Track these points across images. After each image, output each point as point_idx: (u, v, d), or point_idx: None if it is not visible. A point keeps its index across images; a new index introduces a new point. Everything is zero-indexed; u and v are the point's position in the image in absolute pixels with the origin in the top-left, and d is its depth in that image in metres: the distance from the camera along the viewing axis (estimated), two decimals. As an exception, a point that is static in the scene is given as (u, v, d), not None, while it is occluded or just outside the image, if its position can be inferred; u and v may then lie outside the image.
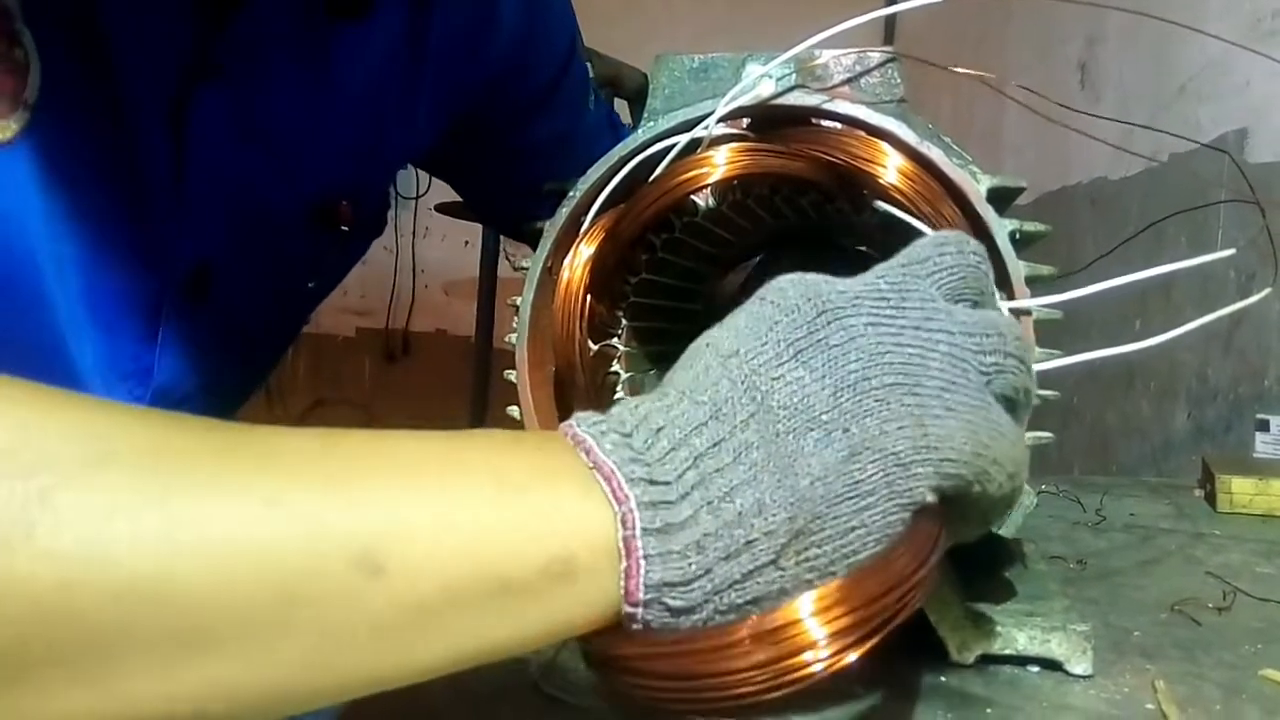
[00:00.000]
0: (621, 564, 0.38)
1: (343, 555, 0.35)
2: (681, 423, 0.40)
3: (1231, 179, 1.19)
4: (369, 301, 4.04)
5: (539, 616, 0.38)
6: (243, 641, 0.35)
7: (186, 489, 0.34)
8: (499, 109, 0.84)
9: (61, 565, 0.32)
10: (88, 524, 0.33)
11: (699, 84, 0.53)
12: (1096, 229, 1.85)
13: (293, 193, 0.70)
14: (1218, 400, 1.38)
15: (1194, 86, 1.51)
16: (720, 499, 0.38)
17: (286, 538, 0.35)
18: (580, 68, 0.91)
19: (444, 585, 0.36)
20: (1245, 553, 0.74)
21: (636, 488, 0.38)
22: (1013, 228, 0.49)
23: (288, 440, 0.38)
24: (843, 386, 0.40)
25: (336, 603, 0.35)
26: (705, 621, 0.39)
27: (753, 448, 0.39)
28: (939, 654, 0.52)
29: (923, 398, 0.40)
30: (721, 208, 0.56)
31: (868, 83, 0.51)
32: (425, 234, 4.05)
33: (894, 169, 0.49)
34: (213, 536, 0.34)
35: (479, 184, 0.96)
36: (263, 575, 0.34)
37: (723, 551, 0.38)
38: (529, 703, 0.47)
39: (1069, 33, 2.04)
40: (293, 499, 0.35)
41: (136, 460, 0.35)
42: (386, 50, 0.72)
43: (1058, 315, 0.48)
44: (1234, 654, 0.54)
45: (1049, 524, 0.81)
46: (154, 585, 0.33)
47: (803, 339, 0.41)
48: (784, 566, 0.39)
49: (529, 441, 0.42)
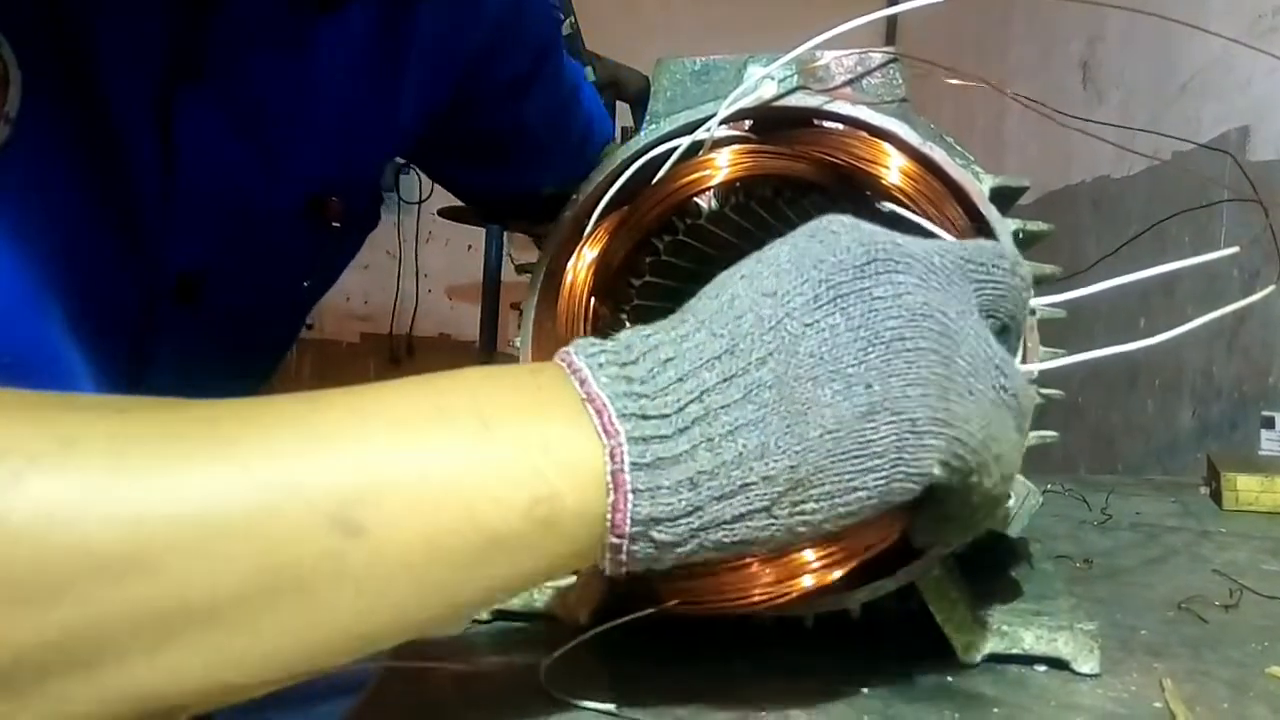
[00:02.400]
0: (609, 498, 0.37)
1: (321, 517, 0.35)
2: (693, 355, 0.39)
3: (1234, 177, 1.18)
4: (373, 307, 4.05)
5: (526, 560, 0.38)
6: (229, 614, 0.34)
7: (158, 465, 0.34)
8: (480, 91, 0.83)
9: (37, 549, 0.32)
10: (61, 505, 0.32)
11: (700, 86, 0.53)
12: (1099, 228, 1.85)
13: (283, 190, 0.69)
14: (1222, 398, 1.38)
15: (1196, 85, 1.51)
16: (722, 437, 0.38)
17: (262, 505, 0.35)
18: (566, 59, 0.90)
19: (426, 539, 0.36)
20: (1251, 550, 0.74)
21: (628, 422, 0.38)
22: (1016, 227, 0.49)
23: (264, 408, 0.37)
24: (876, 341, 0.39)
25: (319, 566, 0.35)
26: (691, 556, 0.39)
27: (765, 387, 0.38)
28: (945, 654, 0.52)
29: (951, 373, 0.39)
30: (724, 210, 0.56)
31: (869, 83, 0.51)
32: (428, 239, 4.06)
33: (896, 170, 0.49)
34: (187, 510, 0.34)
35: (463, 174, 0.95)
36: (242, 545, 0.34)
37: (717, 491, 0.38)
38: (536, 704, 0.47)
39: (1070, 32, 2.04)
40: (267, 466, 0.35)
41: (108, 440, 0.34)
42: (367, 37, 0.71)
43: (1062, 314, 0.48)
44: (1241, 651, 0.54)
45: (1055, 523, 0.80)
46: (131, 564, 0.33)
47: (846, 284, 0.40)
48: (776, 515, 0.38)
49: (518, 376, 0.41)
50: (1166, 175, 1.55)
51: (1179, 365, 1.50)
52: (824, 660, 0.51)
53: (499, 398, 0.39)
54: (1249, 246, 1.15)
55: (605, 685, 0.49)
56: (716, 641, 0.53)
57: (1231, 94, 1.41)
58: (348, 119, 0.71)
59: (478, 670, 0.51)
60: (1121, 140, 1.57)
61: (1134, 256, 0.56)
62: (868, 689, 0.49)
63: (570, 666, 0.49)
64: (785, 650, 0.52)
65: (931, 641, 0.52)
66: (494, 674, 0.50)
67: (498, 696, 0.48)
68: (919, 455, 0.39)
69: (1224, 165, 1.15)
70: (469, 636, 0.56)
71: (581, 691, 0.48)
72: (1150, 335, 0.48)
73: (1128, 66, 1.80)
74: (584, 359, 0.40)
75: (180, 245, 0.63)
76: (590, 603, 0.54)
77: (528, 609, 0.56)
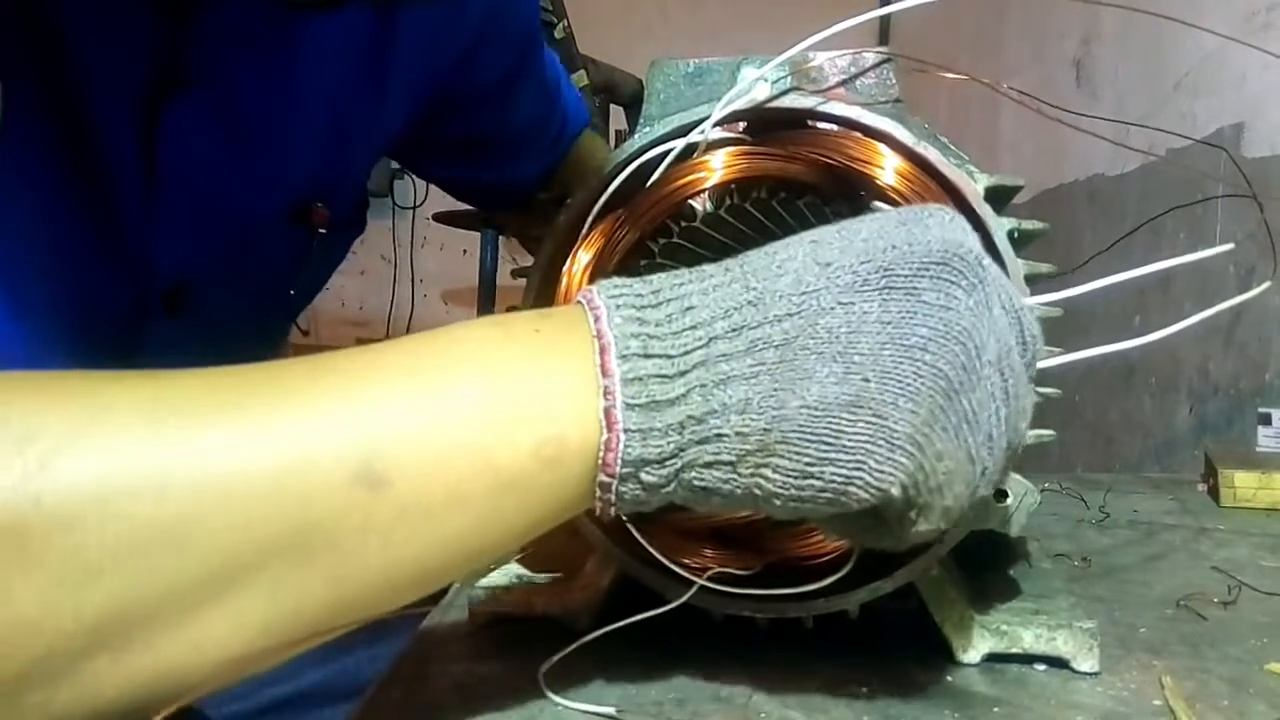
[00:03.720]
0: (602, 436, 0.38)
1: (345, 472, 0.36)
2: (716, 303, 0.39)
3: (1229, 174, 1.18)
4: (368, 312, 4.05)
5: (536, 503, 0.39)
6: (257, 577, 0.35)
7: (181, 433, 0.35)
8: (465, 91, 0.83)
9: (72, 529, 0.33)
10: (89, 483, 0.33)
11: (694, 88, 0.53)
12: (1095, 226, 1.85)
13: (269, 195, 0.69)
14: (1219, 395, 1.38)
15: (1190, 82, 1.51)
16: (714, 384, 0.38)
17: (289, 464, 0.35)
18: (546, 51, 0.90)
19: (446, 486, 0.37)
20: (1250, 547, 0.74)
21: (627, 362, 0.38)
22: (1011, 226, 0.49)
23: (281, 371, 0.38)
24: (897, 341, 0.38)
25: (345, 520, 0.36)
26: (670, 500, 0.40)
27: (771, 346, 0.38)
28: (944, 653, 0.52)
29: (951, 407, 0.38)
30: (719, 212, 0.56)
31: (863, 84, 0.51)
32: (423, 244, 4.06)
33: (891, 170, 0.49)
34: (214, 474, 0.34)
35: (448, 169, 0.94)
36: (270, 507, 0.35)
37: (697, 436, 0.38)
38: (536, 707, 0.47)
39: (1064, 30, 2.05)
40: (289, 426, 0.36)
41: (128, 413, 0.35)
42: (353, 40, 0.70)
43: (1057, 313, 0.48)
44: (1240, 648, 0.54)
45: (1053, 522, 0.80)
46: (162, 532, 0.34)
47: (902, 278, 0.39)
48: (740, 473, 0.39)
49: (532, 318, 0.41)
50: (1161, 172, 1.56)
51: (1175, 362, 1.50)
52: (823, 661, 0.51)
53: (511, 343, 0.40)
54: (1244, 242, 1.15)
55: (605, 688, 0.49)
56: (716, 644, 0.53)
57: (1226, 90, 1.41)
58: (334, 122, 0.71)
59: (477, 673, 0.51)
60: (1116, 137, 1.57)
61: (1129, 254, 0.56)
62: (867, 689, 0.49)
63: (570, 670, 0.49)
64: (784, 651, 0.52)
65: (930, 641, 0.52)
66: (494, 677, 0.50)
67: (498, 700, 0.48)
68: (884, 467, 0.38)
69: (1219, 161, 1.15)
70: (469, 640, 0.56)
71: (581, 695, 0.48)
72: (1146, 332, 0.48)
73: (1122, 64, 1.80)
74: (604, 298, 0.40)
75: (166, 253, 0.63)
76: (590, 606, 0.54)
77: (527, 612, 0.56)
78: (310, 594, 0.36)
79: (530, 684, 0.49)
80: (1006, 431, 0.40)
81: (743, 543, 0.54)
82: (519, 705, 0.47)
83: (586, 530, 0.53)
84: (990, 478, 0.40)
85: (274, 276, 0.74)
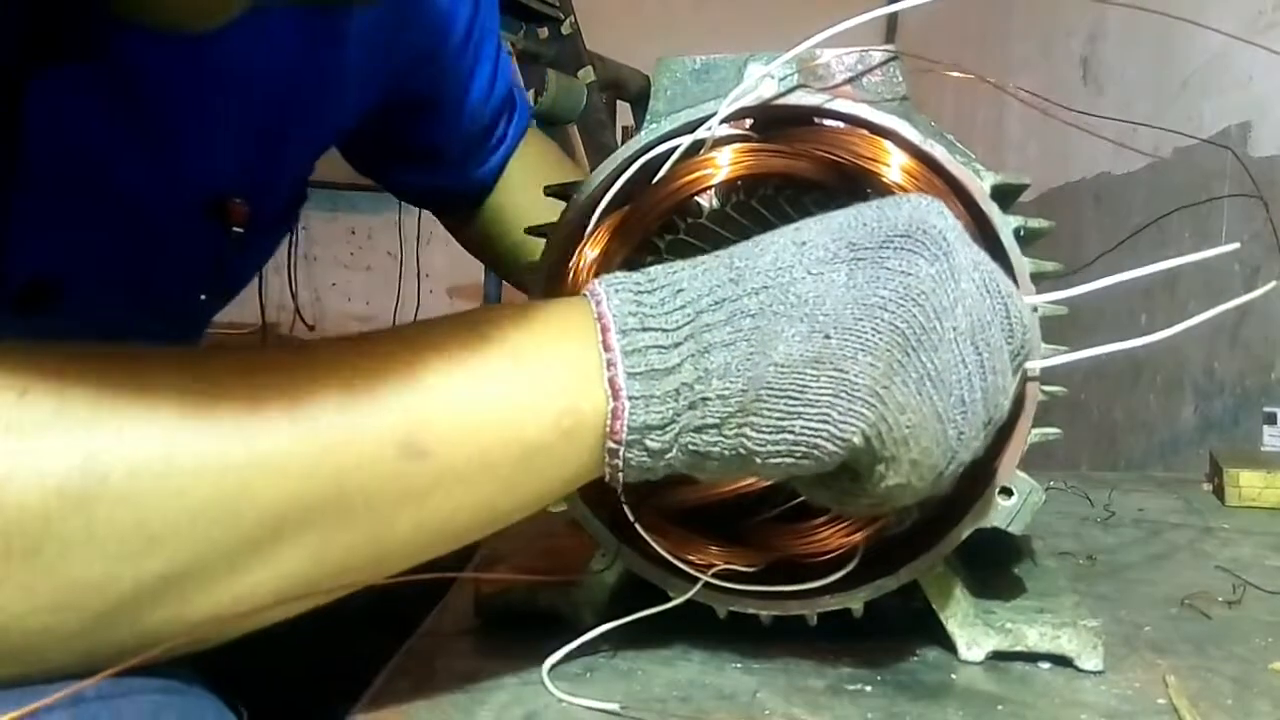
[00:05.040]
0: (609, 405, 0.42)
1: (391, 445, 0.40)
2: (701, 285, 0.43)
3: (1235, 173, 1.18)
4: (374, 308, 4.05)
5: (555, 471, 0.43)
6: (307, 535, 0.39)
7: (235, 418, 0.38)
8: (416, 95, 0.79)
9: (137, 504, 0.36)
10: (154, 461, 0.36)
11: (701, 85, 0.53)
12: (1100, 225, 1.84)
13: (174, 188, 0.61)
14: (1224, 394, 1.38)
15: (1196, 81, 1.51)
16: (700, 353, 0.42)
17: (335, 440, 0.39)
18: (502, 53, 0.86)
19: (479, 454, 0.41)
20: (1255, 546, 0.74)
21: (625, 336, 0.42)
22: (1017, 224, 0.49)
23: (314, 354, 0.42)
24: (860, 303, 0.41)
25: (386, 485, 0.40)
26: (672, 468, 0.44)
27: (748, 315, 0.42)
28: (949, 651, 0.52)
29: (910, 363, 0.41)
30: (726, 208, 0.56)
31: (870, 81, 0.51)
32: (429, 239, 4.05)
33: (897, 167, 0.49)
34: (264, 452, 0.38)
35: (395, 173, 0.89)
36: (318, 477, 0.39)
37: (688, 401, 0.42)
38: (541, 703, 0.47)
39: (1071, 28, 2.04)
40: (335, 405, 0.39)
41: (181, 396, 0.38)
42: (293, 35, 0.64)
43: (1063, 311, 0.48)
44: (1245, 647, 0.54)
45: (1057, 520, 0.80)
46: (217, 505, 0.37)
47: (869, 250, 0.42)
48: (725, 434, 0.42)
49: (546, 307, 0.45)
50: (1167, 171, 1.55)
51: (1181, 361, 1.49)
52: (827, 658, 0.51)
53: (529, 327, 0.43)
54: (1250, 242, 1.15)
55: (609, 684, 0.49)
56: (720, 641, 0.53)
57: (1232, 90, 1.41)
58: (265, 117, 0.65)
59: (483, 669, 0.51)
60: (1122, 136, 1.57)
61: (1135, 253, 0.56)
62: (871, 687, 0.49)
63: (574, 666, 0.50)
64: (788, 648, 0.52)
65: (934, 639, 0.52)
66: (498, 673, 0.50)
67: (502, 695, 0.48)
68: (847, 418, 0.41)
69: (1225, 161, 1.15)
70: (475, 635, 0.56)
71: (585, 691, 0.48)
72: (1152, 331, 0.48)
73: (1128, 63, 1.79)
74: (604, 286, 0.44)
75: (25, 244, 0.56)
76: (594, 602, 0.55)
77: (532, 609, 0.56)
78: (351, 552, 0.41)
79: (535, 680, 0.49)
80: (984, 402, 0.42)
81: (747, 540, 0.54)
82: (523, 701, 0.47)
83: (592, 527, 0.53)
84: (967, 444, 0.43)
85: (178, 278, 0.66)
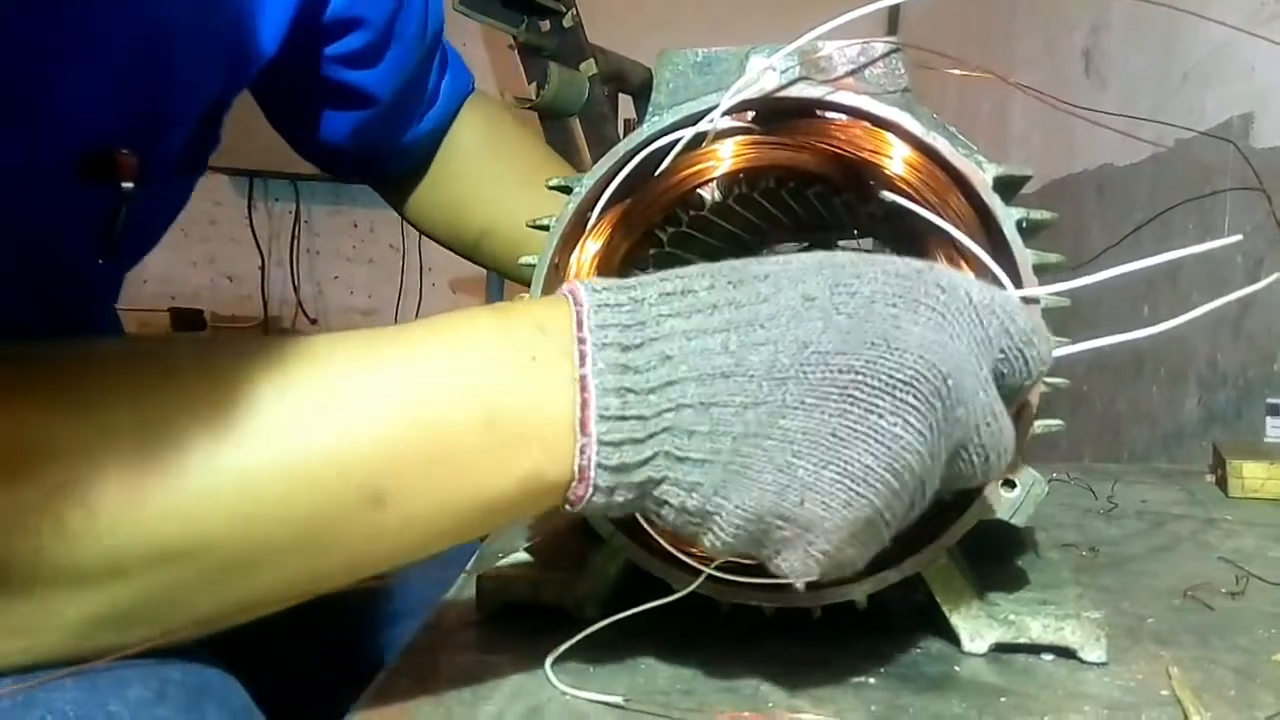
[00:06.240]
0: (574, 481, 0.43)
1: (352, 494, 0.42)
2: (691, 360, 0.42)
3: (1237, 165, 1.18)
4: (376, 300, 4.05)
5: (513, 515, 0.46)
6: (285, 561, 0.43)
7: (194, 452, 0.40)
8: (335, 24, 0.74)
9: (109, 546, 0.39)
10: (125, 507, 0.39)
11: (703, 78, 0.53)
12: (1104, 216, 1.84)
13: (40, 139, 0.53)
14: (1228, 385, 1.38)
15: (1199, 72, 1.50)
16: (676, 458, 0.42)
17: (299, 486, 0.41)
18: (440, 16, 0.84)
19: (440, 505, 0.43)
20: (1258, 537, 0.74)
21: (605, 423, 0.42)
22: (1020, 216, 0.49)
23: (284, 387, 0.42)
24: (839, 464, 0.40)
25: (353, 529, 0.42)
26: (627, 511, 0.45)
27: (729, 435, 0.41)
28: (952, 643, 0.52)
29: (871, 527, 0.41)
30: (728, 201, 0.56)
31: (872, 74, 0.51)
32: (431, 232, 4.05)
33: (900, 159, 0.49)
34: (230, 496, 0.41)
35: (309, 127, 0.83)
36: (285, 520, 0.41)
37: (652, 491, 0.43)
38: (544, 696, 0.47)
39: (1074, 20, 2.04)
40: (300, 451, 0.41)
41: (138, 432, 0.40)
42: None
43: (1066, 303, 0.48)
44: (1248, 639, 0.54)
45: (1061, 511, 0.80)
46: (196, 541, 0.41)
47: (867, 388, 0.40)
48: (678, 524, 0.43)
49: (532, 365, 0.44)
50: (1170, 163, 1.55)
51: (1184, 353, 1.49)
52: (831, 651, 0.51)
53: (506, 388, 0.43)
54: (1252, 234, 1.15)
55: (612, 678, 0.49)
56: (723, 633, 0.53)
57: (1234, 81, 1.41)
58: (152, 52, 0.56)
59: (486, 662, 0.51)
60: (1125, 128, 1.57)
61: (1138, 244, 0.56)
62: (874, 679, 0.49)
63: (577, 659, 0.50)
64: (792, 641, 0.52)
65: (937, 631, 0.53)
66: (502, 666, 0.50)
67: (505, 689, 0.48)
68: (796, 566, 0.42)
69: (1227, 153, 1.15)
70: (478, 629, 0.56)
71: (588, 684, 0.48)
72: (1155, 323, 0.48)
73: (1131, 55, 1.79)
74: (591, 326, 0.43)
75: None
76: (597, 596, 0.55)
77: (535, 602, 0.56)
78: (329, 570, 0.44)
79: (538, 673, 0.49)
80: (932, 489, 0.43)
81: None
82: (526, 694, 0.47)
83: (594, 521, 0.53)
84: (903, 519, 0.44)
85: (64, 242, 0.58)
